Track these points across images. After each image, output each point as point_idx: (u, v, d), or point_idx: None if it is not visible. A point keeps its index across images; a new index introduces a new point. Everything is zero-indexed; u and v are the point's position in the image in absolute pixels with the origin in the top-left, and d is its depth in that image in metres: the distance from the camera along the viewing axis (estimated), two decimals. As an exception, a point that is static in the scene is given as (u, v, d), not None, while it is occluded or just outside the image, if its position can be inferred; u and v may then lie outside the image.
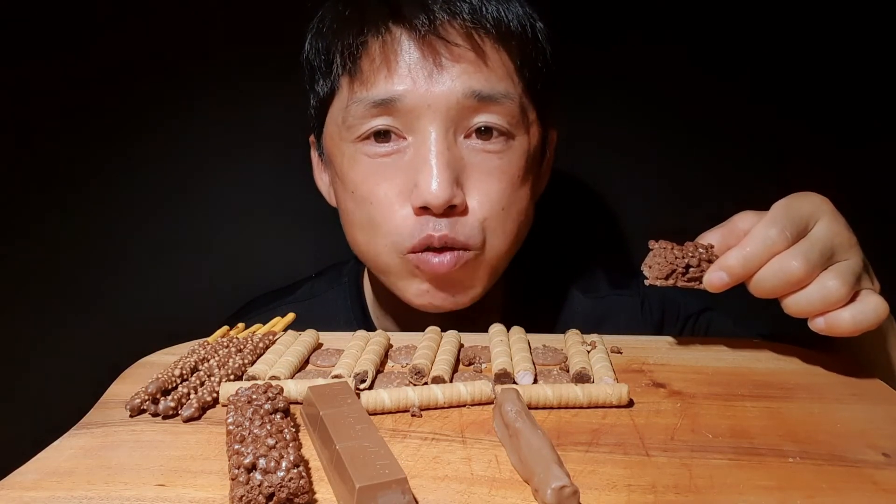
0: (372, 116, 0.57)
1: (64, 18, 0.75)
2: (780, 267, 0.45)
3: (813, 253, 0.45)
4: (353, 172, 0.59)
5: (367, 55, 0.57)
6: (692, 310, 0.74)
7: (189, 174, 0.82)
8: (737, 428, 0.42)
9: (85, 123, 0.78)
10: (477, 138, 0.58)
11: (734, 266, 0.46)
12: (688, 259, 0.48)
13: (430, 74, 0.55)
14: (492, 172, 0.58)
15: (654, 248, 0.50)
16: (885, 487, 0.36)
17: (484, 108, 0.57)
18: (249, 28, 0.78)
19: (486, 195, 0.57)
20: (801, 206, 0.47)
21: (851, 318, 0.45)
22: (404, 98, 0.56)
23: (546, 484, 0.33)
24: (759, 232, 0.46)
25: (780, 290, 0.46)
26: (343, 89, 0.59)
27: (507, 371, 0.46)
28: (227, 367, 0.47)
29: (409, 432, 0.41)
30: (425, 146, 0.56)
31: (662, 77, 0.82)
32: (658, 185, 0.87)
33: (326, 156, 0.64)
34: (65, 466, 0.38)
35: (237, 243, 0.85)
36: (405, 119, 0.56)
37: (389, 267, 0.59)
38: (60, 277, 0.79)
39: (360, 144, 0.58)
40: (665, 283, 0.48)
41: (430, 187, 0.54)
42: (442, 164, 0.55)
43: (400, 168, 0.57)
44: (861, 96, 0.83)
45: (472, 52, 0.56)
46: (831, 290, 0.45)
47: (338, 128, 0.60)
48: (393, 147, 0.57)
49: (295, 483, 0.33)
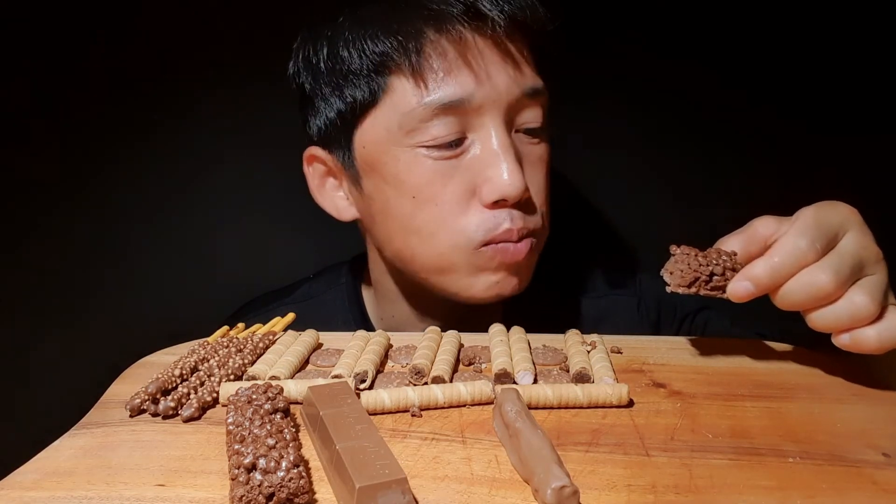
0: (436, 117, 0.56)
1: (64, 18, 0.75)
2: (809, 280, 0.43)
3: (843, 267, 0.43)
4: (414, 176, 0.57)
5: (435, 54, 0.56)
6: (689, 309, 0.74)
7: (189, 175, 0.82)
8: (737, 428, 0.42)
9: (86, 124, 0.78)
10: (524, 131, 0.59)
11: (761, 277, 0.44)
12: (712, 267, 0.46)
13: (495, 71, 0.56)
14: (537, 163, 0.60)
15: (675, 253, 0.48)
16: (885, 487, 0.36)
17: (531, 103, 0.59)
18: (252, 29, 0.78)
19: (537, 184, 0.60)
20: (830, 216, 0.45)
21: (877, 335, 0.43)
22: (474, 97, 0.56)
23: (546, 484, 0.33)
24: (789, 242, 0.44)
25: (807, 303, 0.44)
26: (397, 91, 0.56)
27: (507, 371, 0.46)
28: (227, 367, 0.47)
29: (409, 432, 0.41)
30: (490, 141, 0.57)
31: (660, 76, 0.82)
32: (656, 185, 0.87)
33: (362, 164, 0.60)
34: (65, 466, 0.38)
35: (238, 244, 0.85)
36: (468, 117, 0.56)
37: (454, 266, 0.59)
38: (60, 277, 0.79)
39: (423, 148, 0.57)
40: (687, 290, 0.47)
41: (506, 180, 0.55)
42: (511, 156, 0.56)
43: (465, 166, 0.57)
44: (861, 94, 0.83)
45: (523, 46, 0.58)
46: (860, 306, 0.43)
47: (389, 132, 0.57)
48: (459, 147, 0.57)
49: (295, 483, 0.33)
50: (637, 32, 0.83)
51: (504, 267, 0.59)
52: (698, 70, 0.83)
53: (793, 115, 0.83)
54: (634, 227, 0.89)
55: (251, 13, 0.78)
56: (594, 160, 0.85)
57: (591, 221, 0.89)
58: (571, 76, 0.71)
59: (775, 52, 0.83)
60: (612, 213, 0.90)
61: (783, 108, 0.83)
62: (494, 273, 0.59)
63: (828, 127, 0.82)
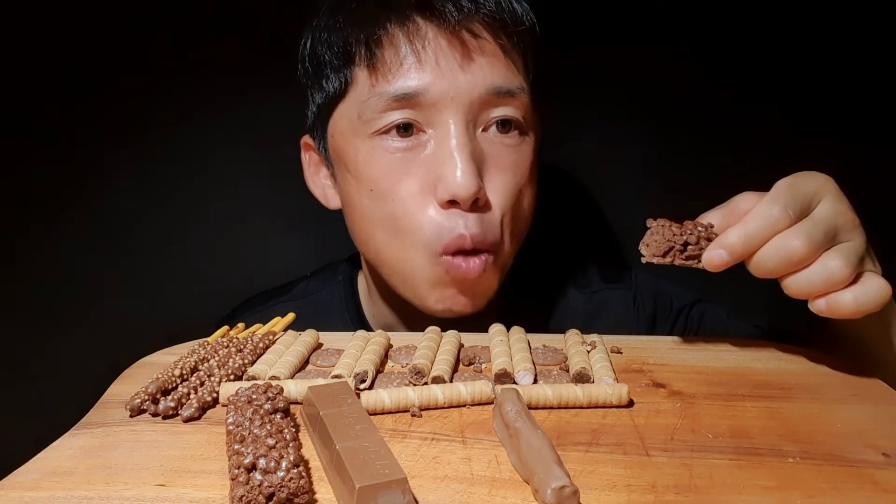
0: (392, 109, 0.56)
1: (64, 18, 0.75)
2: (781, 245, 0.44)
3: (816, 232, 0.44)
4: (371, 168, 0.57)
5: (391, 46, 0.56)
6: (684, 301, 0.74)
7: (189, 175, 0.82)
8: (737, 428, 0.42)
9: (84, 125, 0.78)
10: (497, 132, 0.58)
11: (735, 244, 0.45)
12: (686, 236, 0.46)
13: (455, 67, 0.55)
14: (508, 167, 0.58)
15: (651, 226, 0.48)
16: (885, 487, 0.36)
17: (502, 102, 0.57)
18: (248, 27, 0.78)
19: (503, 190, 0.58)
20: (805, 184, 0.46)
21: (854, 299, 0.44)
22: (428, 91, 0.55)
23: (546, 484, 0.33)
24: (762, 209, 0.44)
25: (781, 269, 0.45)
26: (359, 83, 0.57)
27: (507, 371, 0.46)
28: (227, 367, 0.47)
29: (409, 432, 0.41)
30: (447, 139, 0.56)
31: (653, 71, 0.82)
32: (649, 179, 0.87)
33: (333, 154, 0.62)
34: (65, 466, 0.38)
35: (237, 243, 0.85)
36: (427, 112, 0.56)
37: (415, 271, 0.58)
38: (60, 278, 0.79)
39: (379, 139, 0.57)
40: (662, 260, 0.47)
41: (458, 179, 0.54)
42: (466, 156, 0.55)
43: (421, 162, 0.57)
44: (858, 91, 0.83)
45: (493, 45, 0.57)
46: (834, 270, 0.43)
47: (351, 123, 0.58)
48: (414, 141, 0.57)
49: (295, 483, 0.33)
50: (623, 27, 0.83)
51: (456, 283, 0.58)
52: (690, 64, 0.83)
53: (788, 113, 0.83)
54: (629, 222, 0.89)
55: (251, 13, 0.78)
56: (588, 154, 0.85)
57: (586, 216, 0.90)
58: (565, 72, 0.71)
59: (774, 47, 0.83)
60: (607, 207, 0.89)
61: (782, 105, 0.84)
62: (448, 288, 0.58)
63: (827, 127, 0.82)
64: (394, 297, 0.65)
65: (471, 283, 0.58)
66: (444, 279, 0.57)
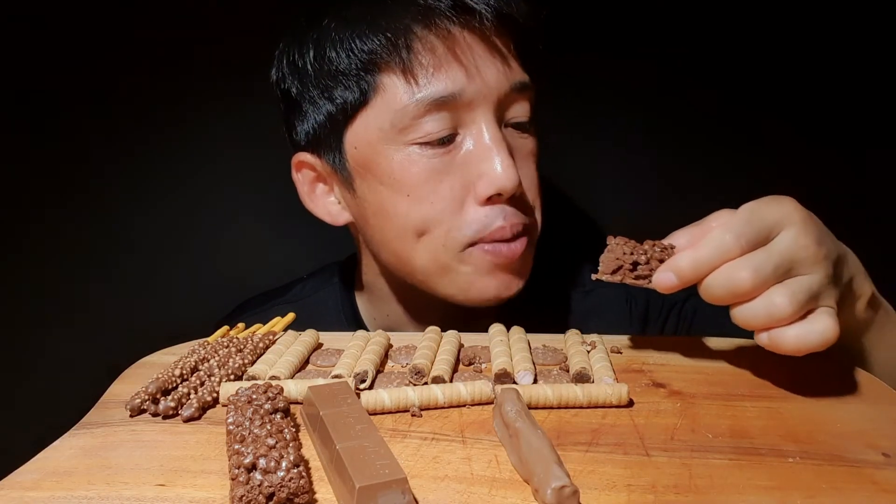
0: (429, 113, 0.56)
1: (64, 18, 0.75)
2: (727, 276, 0.42)
3: (766, 265, 0.42)
4: (409, 175, 0.57)
5: (425, 51, 0.55)
6: (677, 297, 0.74)
7: (189, 175, 0.82)
8: (737, 428, 0.42)
9: (85, 125, 0.78)
10: (515, 124, 0.60)
11: (683, 269, 0.44)
12: (636, 256, 0.46)
13: (484, 65, 0.56)
14: (528, 157, 0.61)
15: (610, 243, 0.48)
16: (885, 487, 0.36)
17: (521, 97, 0.59)
18: (250, 29, 0.78)
19: (529, 178, 0.60)
20: (767, 212, 0.44)
21: (795, 337, 0.42)
22: (465, 91, 0.56)
23: (546, 484, 0.33)
24: (716, 236, 0.43)
25: (726, 298, 0.43)
26: (388, 89, 0.56)
27: (507, 371, 0.46)
28: (227, 367, 0.47)
29: (409, 432, 0.41)
30: (482, 136, 0.57)
31: (650, 75, 0.82)
32: (644, 179, 0.87)
33: (354, 166, 0.59)
34: (65, 466, 0.38)
35: (237, 244, 0.85)
36: (461, 112, 0.56)
37: (448, 267, 0.59)
38: (60, 278, 0.79)
39: (416, 146, 0.57)
40: (612, 278, 0.47)
41: (500, 173, 0.55)
42: (504, 150, 0.57)
43: (458, 163, 0.57)
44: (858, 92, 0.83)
45: (508, 41, 0.58)
46: (777, 306, 0.42)
47: (382, 132, 0.57)
48: (451, 144, 0.57)
49: (295, 483, 0.33)
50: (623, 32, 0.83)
51: (500, 268, 0.59)
52: (689, 69, 0.83)
53: (790, 115, 0.83)
54: (622, 222, 0.89)
55: (250, 13, 0.78)
56: (581, 155, 0.85)
57: (579, 216, 0.90)
58: (564, 72, 0.71)
59: (774, 50, 0.83)
60: (600, 207, 0.90)
61: (781, 108, 0.84)
62: (491, 274, 0.59)
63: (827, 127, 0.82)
64: (408, 299, 0.65)
65: (515, 264, 0.59)
66: (487, 267, 0.59)
